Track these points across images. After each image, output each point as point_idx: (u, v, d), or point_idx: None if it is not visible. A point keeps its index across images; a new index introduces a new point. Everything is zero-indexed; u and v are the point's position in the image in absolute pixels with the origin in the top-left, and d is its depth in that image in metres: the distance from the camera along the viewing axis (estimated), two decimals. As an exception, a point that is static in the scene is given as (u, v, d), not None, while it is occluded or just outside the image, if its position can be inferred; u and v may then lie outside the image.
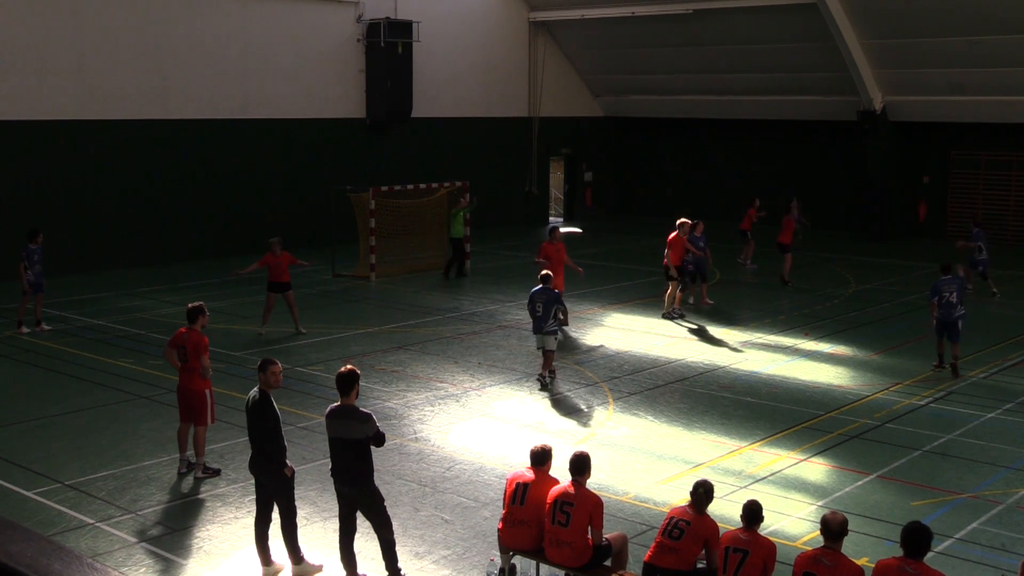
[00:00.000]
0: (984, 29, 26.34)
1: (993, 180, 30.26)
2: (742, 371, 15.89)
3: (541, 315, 14.67)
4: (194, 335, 11.13)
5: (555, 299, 14.78)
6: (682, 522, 7.79)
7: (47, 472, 11.29)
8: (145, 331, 18.29)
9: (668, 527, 7.85)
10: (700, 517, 7.82)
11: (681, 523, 7.79)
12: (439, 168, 30.04)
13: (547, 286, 14.91)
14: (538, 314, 14.71)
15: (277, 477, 8.83)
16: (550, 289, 14.90)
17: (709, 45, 31.55)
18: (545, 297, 14.74)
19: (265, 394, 8.92)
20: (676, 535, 7.75)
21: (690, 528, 7.73)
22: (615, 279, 23.66)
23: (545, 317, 14.65)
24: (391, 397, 14.30)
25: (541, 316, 14.67)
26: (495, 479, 11.03)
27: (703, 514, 7.84)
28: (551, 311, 14.66)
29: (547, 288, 14.88)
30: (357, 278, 23.86)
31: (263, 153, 27.39)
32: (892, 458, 11.87)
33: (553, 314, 14.68)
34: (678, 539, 7.73)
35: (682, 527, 7.76)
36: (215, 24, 26.25)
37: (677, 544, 7.71)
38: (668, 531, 7.81)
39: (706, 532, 7.74)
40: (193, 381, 11.08)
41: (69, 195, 23.91)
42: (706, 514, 7.86)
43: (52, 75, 23.57)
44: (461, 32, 31.96)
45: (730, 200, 34.36)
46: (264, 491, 8.97)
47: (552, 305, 14.68)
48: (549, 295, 14.78)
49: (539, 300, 14.73)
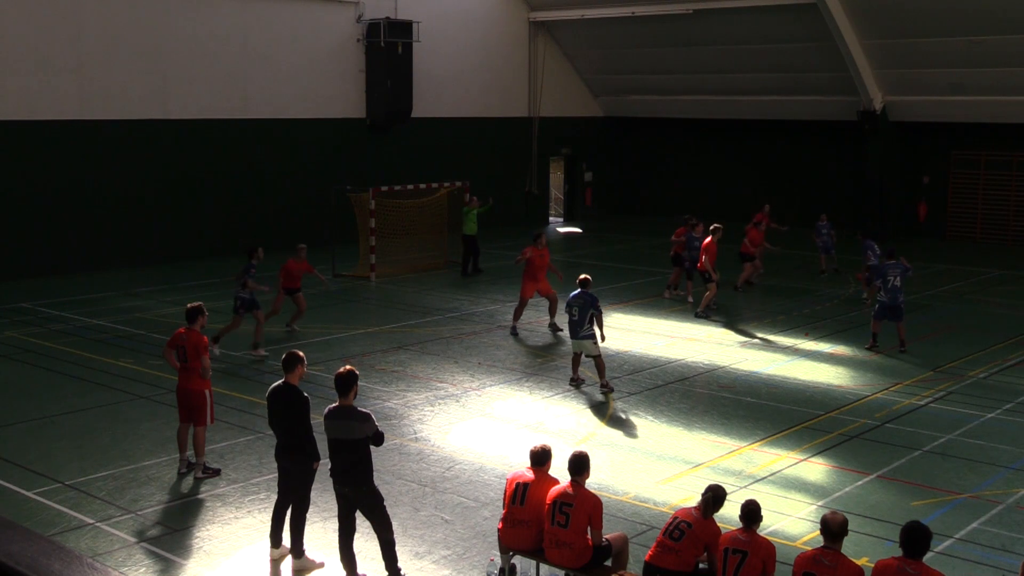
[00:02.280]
0: (984, 29, 26.34)
1: (993, 180, 30.25)
2: (742, 371, 15.89)
3: (577, 319, 14.45)
4: (193, 335, 11.13)
5: (592, 303, 14.46)
6: (684, 524, 7.78)
7: (47, 472, 11.29)
8: (145, 331, 18.29)
9: (670, 527, 7.84)
10: (704, 521, 7.80)
11: (683, 524, 7.78)
12: (439, 168, 30.04)
13: (585, 290, 14.59)
14: (574, 319, 14.49)
15: (305, 467, 8.96)
16: (588, 293, 14.58)
17: (709, 45, 31.55)
18: (581, 301, 14.46)
19: (291, 383, 9.06)
20: (677, 536, 7.74)
21: (691, 531, 7.72)
22: (615, 279, 23.66)
23: (581, 322, 14.41)
24: (391, 397, 14.30)
25: (577, 320, 14.45)
26: (495, 479, 11.03)
27: (708, 518, 7.83)
28: (587, 315, 14.39)
29: (584, 292, 14.57)
30: (357, 278, 23.86)
31: (263, 153, 27.39)
32: (892, 458, 11.87)
33: (590, 319, 14.43)
34: (679, 540, 7.72)
35: (683, 528, 7.75)
36: (215, 24, 26.25)
37: (678, 545, 7.71)
38: (669, 532, 7.81)
39: (707, 536, 7.73)
40: (192, 381, 11.09)
41: (69, 195, 23.91)
42: (711, 519, 7.85)
43: (52, 75, 23.56)
44: (461, 32, 31.96)
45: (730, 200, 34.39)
46: (287, 479, 9.08)
47: (588, 310, 14.39)
48: (586, 299, 14.47)
49: (575, 304, 14.48)
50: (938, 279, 24.14)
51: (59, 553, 2.14)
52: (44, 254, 23.63)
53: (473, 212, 24.19)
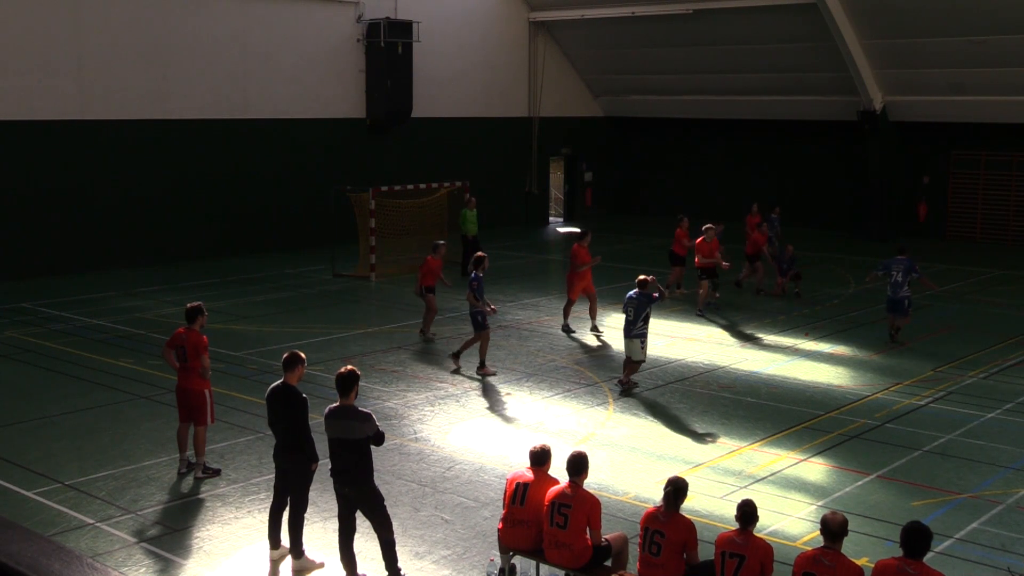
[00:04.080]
0: (984, 29, 26.33)
1: (993, 180, 30.25)
2: (742, 371, 15.89)
3: (632, 319, 14.38)
4: (193, 335, 11.13)
5: (648, 302, 14.37)
6: (657, 535, 7.67)
7: (47, 472, 11.29)
8: (145, 331, 18.28)
9: (646, 541, 7.73)
10: (672, 519, 7.69)
11: (656, 536, 7.67)
12: (439, 168, 30.04)
13: (643, 291, 14.43)
14: (629, 319, 14.45)
15: (303, 468, 8.98)
16: (644, 294, 14.41)
17: (709, 45, 31.54)
18: (636, 302, 14.37)
19: (289, 384, 9.08)
20: (655, 551, 7.65)
21: (666, 540, 7.62)
22: (615, 279, 23.62)
23: (635, 321, 14.34)
24: (391, 397, 14.31)
25: (632, 320, 14.39)
26: (495, 479, 11.03)
27: (673, 513, 7.70)
28: (641, 315, 14.31)
29: (641, 293, 14.41)
30: (357, 278, 23.86)
31: (263, 153, 27.38)
32: (892, 458, 11.87)
33: (644, 318, 14.31)
34: (658, 555, 7.64)
35: (659, 541, 7.64)
36: (215, 24, 26.25)
37: (659, 560, 7.63)
38: (647, 546, 7.72)
39: (681, 536, 7.63)
40: (192, 381, 11.09)
41: (69, 195, 23.91)
42: (679, 514, 7.74)
43: (52, 75, 23.56)
44: (461, 32, 31.96)
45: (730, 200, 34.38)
46: (284, 480, 9.08)
47: (644, 310, 14.32)
48: (641, 299, 14.35)
49: (631, 305, 14.42)
50: (938, 279, 24.11)
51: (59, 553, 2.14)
52: (44, 254, 23.62)
53: (473, 213, 24.22)
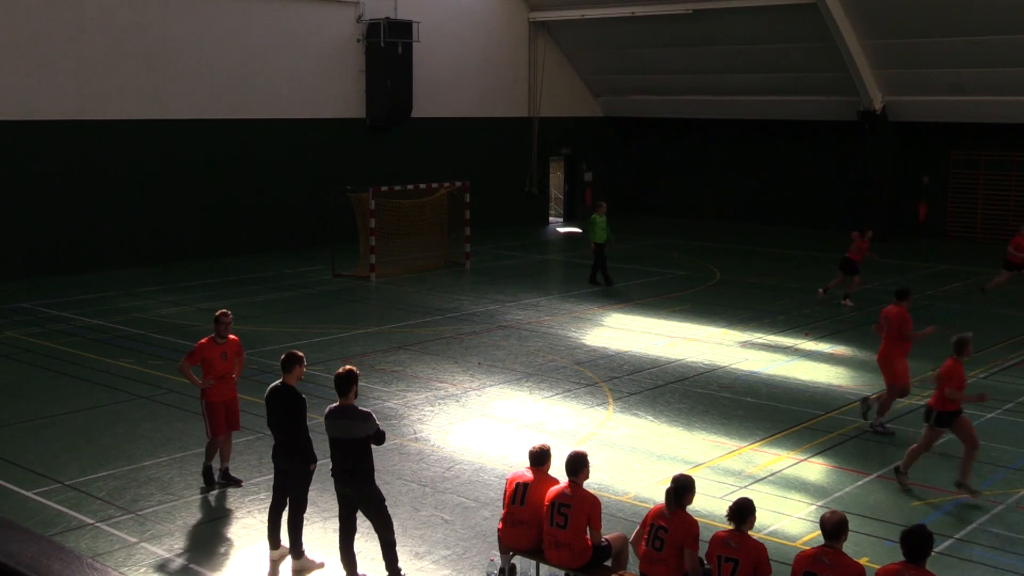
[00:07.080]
0: (984, 29, 26.33)
1: (993, 180, 30.25)
2: (742, 371, 15.89)
3: None
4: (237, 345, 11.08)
5: None
6: (661, 531, 7.71)
7: (47, 472, 11.29)
8: (145, 331, 18.28)
9: (651, 536, 7.78)
10: (676, 517, 7.72)
11: (661, 532, 7.71)
12: (439, 168, 30.03)
13: None
14: None
15: (302, 468, 8.98)
16: None
17: (709, 45, 31.53)
18: None
19: (288, 384, 9.07)
20: (658, 546, 7.69)
21: (669, 535, 7.66)
22: (615, 279, 23.62)
23: None
24: (391, 397, 14.31)
25: None
26: (495, 479, 11.03)
27: (679, 510, 7.73)
28: None
29: None
30: (357, 278, 23.86)
31: (263, 153, 27.38)
32: (892, 458, 11.85)
33: None
34: (660, 550, 7.68)
35: (662, 537, 7.68)
36: (215, 24, 26.25)
37: (662, 555, 7.67)
38: (651, 541, 7.76)
39: (682, 532, 7.66)
40: (233, 388, 11.00)
41: (69, 195, 23.90)
42: (682, 511, 7.77)
43: (52, 75, 23.57)
44: (461, 32, 31.96)
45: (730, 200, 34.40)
46: (284, 480, 9.08)
47: None
48: None
49: None
50: (938, 279, 24.14)
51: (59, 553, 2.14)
52: (44, 254, 23.62)
53: (603, 219, 23.53)
